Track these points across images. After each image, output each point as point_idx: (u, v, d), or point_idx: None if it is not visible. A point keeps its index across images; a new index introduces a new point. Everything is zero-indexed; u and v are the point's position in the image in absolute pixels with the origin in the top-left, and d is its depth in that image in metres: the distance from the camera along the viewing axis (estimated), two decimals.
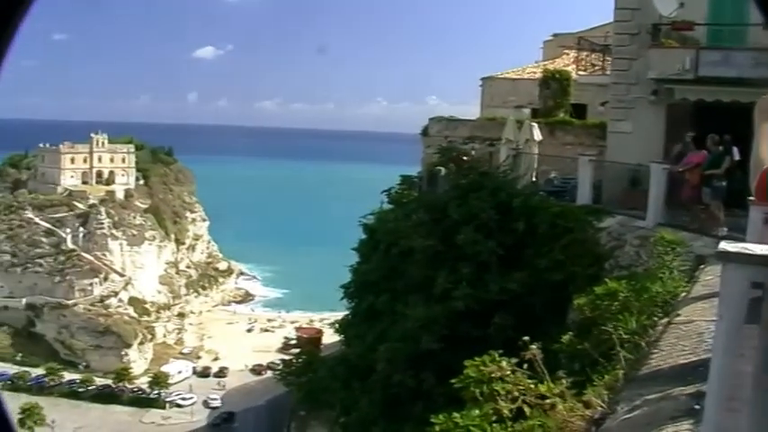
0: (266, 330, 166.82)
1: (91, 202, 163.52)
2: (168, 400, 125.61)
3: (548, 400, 8.57)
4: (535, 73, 49.93)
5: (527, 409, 8.63)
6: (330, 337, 66.99)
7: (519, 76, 51.93)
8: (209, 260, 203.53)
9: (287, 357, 58.68)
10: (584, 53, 43.14)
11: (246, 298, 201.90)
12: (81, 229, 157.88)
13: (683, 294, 12.34)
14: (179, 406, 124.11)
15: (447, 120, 48.51)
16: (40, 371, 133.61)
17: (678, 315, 10.76)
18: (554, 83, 43.86)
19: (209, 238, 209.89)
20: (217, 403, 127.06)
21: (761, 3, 5.98)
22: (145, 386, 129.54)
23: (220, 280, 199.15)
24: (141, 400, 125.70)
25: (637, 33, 30.76)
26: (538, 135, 34.45)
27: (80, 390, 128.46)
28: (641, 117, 30.56)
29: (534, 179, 32.29)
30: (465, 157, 33.31)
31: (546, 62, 53.18)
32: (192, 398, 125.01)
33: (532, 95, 46.59)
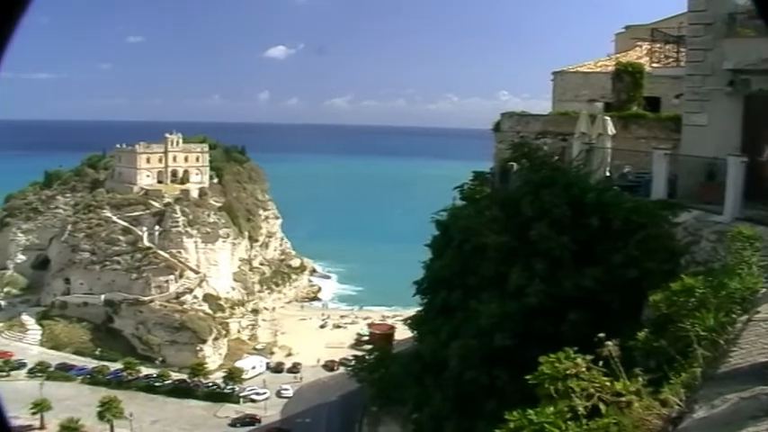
0: (339, 327, 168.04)
1: (166, 200, 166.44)
2: (242, 395, 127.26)
3: (623, 398, 8.48)
4: (607, 66, 49.30)
5: (602, 407, 8.54)
6: (402, 333, 67.14)
7: (591, 70, 51.32)
8: (282, 257, 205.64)
9: (359, 353, 58.96)
10: (658, 45, 42.40)
11: (319, 294, 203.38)
12: (157, 227, 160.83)
13: (763, 291, 12.08)
14: (253, 401, 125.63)
15: (519, 115, 48.17)
16: (118, 365, 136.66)
17: (758, 312, 10.55)
18: (627, 76, 43.20)
19: (282, 235, 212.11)
20: (288, 394, 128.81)
21: (760, 3, 5.88)
22: (219, 381, 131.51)
23: (293, 277, 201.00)
24: (216, 395, 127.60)
25: (712, 23, 30.12)
26: (611, 129, 34.01)
27: (156, 384, 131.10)
28: (717, 109, 29.94)
29: (608, 174, 31.90)
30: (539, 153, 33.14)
31: (618, 55, 52.42)
32: (265, 393, 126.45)
33: (605, 89, 45.99)
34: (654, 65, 42.71)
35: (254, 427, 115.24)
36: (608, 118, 34.67)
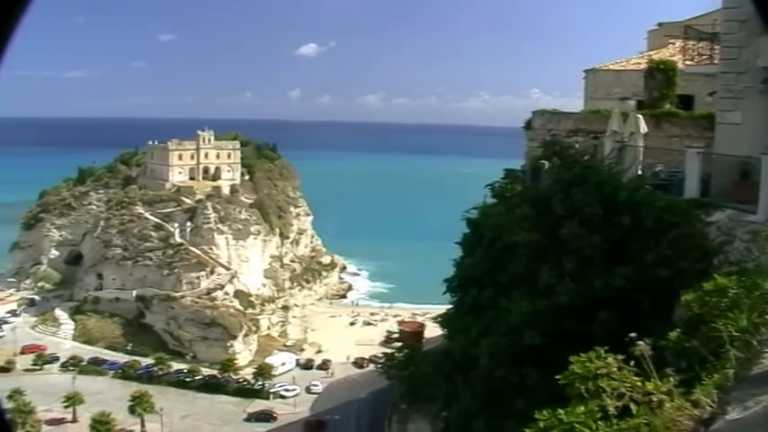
0: (369, 324, 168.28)
1: (198, 197, 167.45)
2: (272, 391, 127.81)
3: (655, 398, 8.42)
4: (640, 64, 48.86)
5: (633, 407, 8.47)
6: (432, 331, 67.09)
7: (623, 68, 50.90)
8: (313, 254, 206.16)
9: (389, 351, 59.01)
10: (691, 42, 42.06)
11: (349, 292, 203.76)
12: (188, 223, 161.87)
13: None
14: (282, 397, 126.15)
15: (550, 113, 47.93)
16: (149, 360, 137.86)
17: None
18: (659, 73, 42.86)
19: (313, 232, 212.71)
20: (318, 389, 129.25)
21: (760, 3, 5.82)
22: (249, 377, 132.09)
23: (324, 274, 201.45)
24: (246, 391, 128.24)
25: (746, 20, 29.73)
26: (643, 127, 33.73)
27: (187, 379, 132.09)
28: (751, 107, 29.60)
29: (639, 172, 31.65)
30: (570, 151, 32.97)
31: (651, 52, 51.97)
32: (295, 389, 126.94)
33: (637, 87, 45.64)
34: (687, 62, 42.37)
35: (288, 422, 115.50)
36: (640, 116, 34.38)
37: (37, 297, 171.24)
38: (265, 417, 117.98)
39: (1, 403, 4.79)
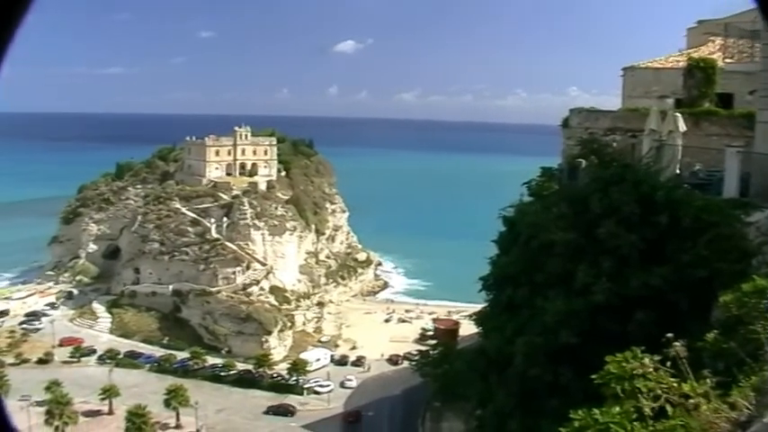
0: (403, 321, 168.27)
1: (234, 193, 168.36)
2: (306, 386, 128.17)
3: (691, 400, 8.36)
4: (679, 62, 48.38)
5: (669, 409, 8.42)
6: (467, 329, 66.96)
7: (662, 66, 50.43)
8: (349, 251, 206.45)
9: (423, 348, 58.94)
10: (731, 40, 41.67)
11: (385, 288, 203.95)
12: (225, 219, 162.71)
13: None
14: (316, 393, 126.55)
15: (588, 111, 47.67)
16: (184, 354, 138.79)
17: None
18: (699, 71, 42.41)
19: (349, 228, 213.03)
20: (352, 383, 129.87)
21: (761, 3, 5.74)
22: (284, 372, 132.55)
23: (359, 270, 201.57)
24: (280, 386, 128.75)
25: None
26: (682, 126, 33.42)
27: (222, 374, 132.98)
28: None
29: (678, 171, 31.39)
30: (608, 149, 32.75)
31: (690, 50, 51.44)
32: (329, 385, 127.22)
33: (676, 85, 45.19)
34: (727, 60, 41.94)
35: (321, 417, 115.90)
36: (679, 115, 34.04)
37: (75, 290, 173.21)
38: (284, 410, 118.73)
39: (1, 401, 4.84)
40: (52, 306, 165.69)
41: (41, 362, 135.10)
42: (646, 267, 20.61)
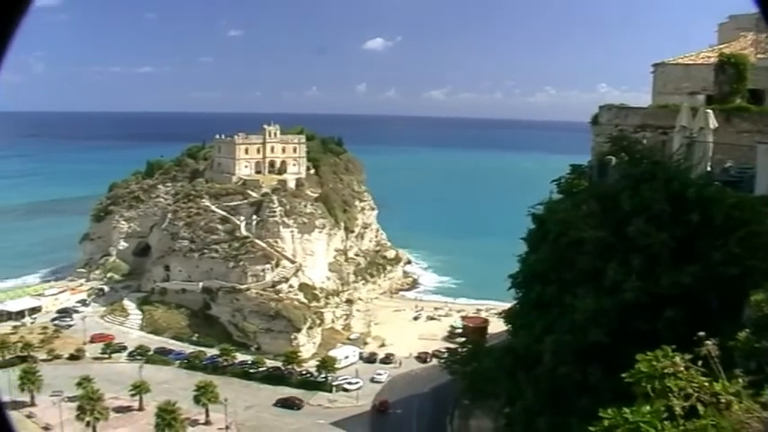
0: (432, 318, 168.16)
1: (264, 190, 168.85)
2: (335, 383, 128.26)
3: (723, 399, 8.27)
4: (710, 57, 47.95)
5: (700, 408, 8.34)
6: (495, 327, 66.82)
7: (693, 62, 50.00)
8: (378, 248, 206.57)
9: (452, 346, 58.90)
10: (764, 35, 41.26)
11: (414, 286, 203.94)
12: (254, 216, 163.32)
13: None
14: (345, 390, 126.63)
15: (617, 108, 47.41)
16: (214, 351, 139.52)
17: None
18: (730, 67, 42.02)
19: (378, 226, 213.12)
20: (382, 378, 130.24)
21: (761, 2, 5.67)
22: (313, 369, 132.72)
23: (388, 268, 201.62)
24: (309, 383, 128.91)
25: None
26: (713, 123, 33.11)
27: (251, 370, 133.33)
28: None
29: (709, 169, 31.13)
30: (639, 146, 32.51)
31: (721, 46, 50.98)
32: (358, 382, 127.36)
33: (707, 81, 44.81)
34: (759, 56, 41.54)
35: (351, 414, 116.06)
36: (710, 111, 33.73)
37: (106, 287, 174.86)
38: (291, 403, 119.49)
39: (1, 399, 4.88)
40: (83, 303, 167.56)
41: (73, 358, 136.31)
42: (676, 265, 20.44)
